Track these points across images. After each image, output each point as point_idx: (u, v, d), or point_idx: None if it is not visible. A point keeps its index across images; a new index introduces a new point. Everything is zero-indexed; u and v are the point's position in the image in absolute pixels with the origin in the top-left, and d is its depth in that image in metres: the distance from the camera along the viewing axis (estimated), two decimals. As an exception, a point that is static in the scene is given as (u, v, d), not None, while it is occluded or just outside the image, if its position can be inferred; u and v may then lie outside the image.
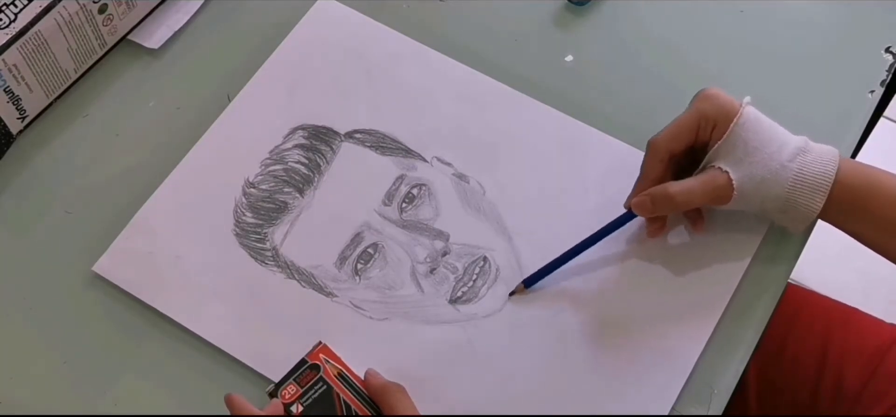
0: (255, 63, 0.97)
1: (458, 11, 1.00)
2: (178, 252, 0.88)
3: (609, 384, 0.81)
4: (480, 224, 0.88)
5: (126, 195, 0.91)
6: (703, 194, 0.81)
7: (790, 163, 0.80)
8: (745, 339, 0.82)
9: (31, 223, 0.92)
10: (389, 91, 0.95)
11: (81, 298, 0.87)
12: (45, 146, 0.96)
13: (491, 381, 0.82)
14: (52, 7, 0.91)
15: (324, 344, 0.82)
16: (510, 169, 0.90)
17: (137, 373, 0.84)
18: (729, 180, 0.80)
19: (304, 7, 1.00)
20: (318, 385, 0.79)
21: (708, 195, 0.81)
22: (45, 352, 0.85)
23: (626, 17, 0.99)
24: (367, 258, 0.87)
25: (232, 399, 0.77)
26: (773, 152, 0.80)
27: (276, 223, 0.89)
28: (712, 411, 0.80)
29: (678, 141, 0.82)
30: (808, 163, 0.80)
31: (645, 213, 0.83)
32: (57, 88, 0.96)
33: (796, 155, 0.80)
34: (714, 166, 0.81)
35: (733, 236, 0.86)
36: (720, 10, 0.98)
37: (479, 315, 0.84)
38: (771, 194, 0.80)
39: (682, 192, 0.81)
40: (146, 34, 1.00)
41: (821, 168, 0.80)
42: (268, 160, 0.92)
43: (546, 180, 0.90)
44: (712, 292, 0.84)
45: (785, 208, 0.81)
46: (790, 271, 0.86)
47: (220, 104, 0.96)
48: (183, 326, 0.85)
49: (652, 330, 0.83)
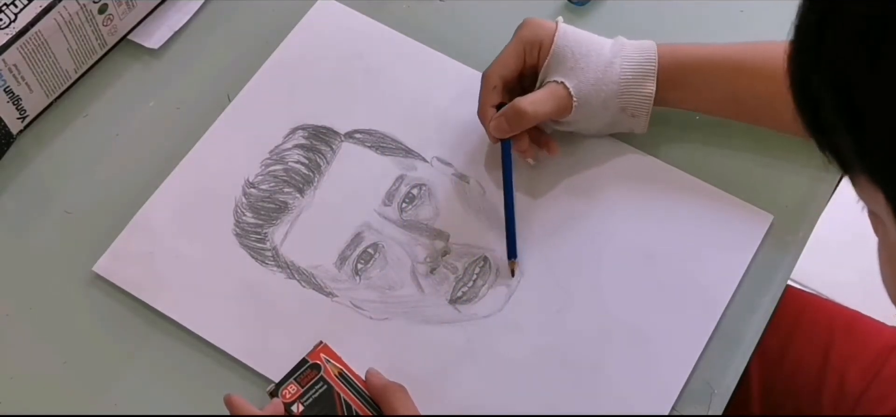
0: (255, 63, 0.97)
1: (458, 11, 1.00)
2: (178, 252, 0.88)
3: (609, 384, 0.81)
4: (480, 224, 0.88)
5: (126, 195, 0.91)
6: (548, 102, 0.86)
7: (615, 58, 0.86)
8: (745, 339, 0.82)
9: (31, 223, 0.92)
10: (389, 91, 0.95)
11: (81, 298, 0.87)
12: (45, 146, 0.96)
13: (491, 381, 0.82)
14: (52, 7, 0.91)
15: (324, 344, 0.82)
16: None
17: (137, 373, 0.84)
18: (566, 88, 0.85)
19: (304, 7, 1.00)
20: (318, 385, 0.79)
21: (552, 104, 0.86)
22: (45, 352, 0.85)
23: (626, 17, 0.98)
24: (367, 258, 0.87)
25: (231, 399, 0.77)
26: (597, 54, 0.86)
27: (276, 223, 0.89)
28: (712, 411, 0.79)
29: (506, 67, 0.87)
30: (629, 53, 0.86)
31: (502, 133, 0.87)
32: (57, 88, 0.96)
33: (617, 50, 0.86)
34: (551, 80, 0.86)
35: (733, 236, 0.86)
36: (720, 10, 0.98)
37: (479, 315, 0.84)
38: (608, 92, 0.86)
39: (529, 102, 0.86)
40: (146, 34, 1.00)
41: (642, 54, 0.86)
42: (268, 160, 0.92)
43: (547, 180, 0.90)
44: (712, 292, 0.84)
45: (624, 104, 0.86)
46: (791, 270, 0.86)
47: (220, 104, 0.96)
48: (183, 326, 0.85)
49: (652, 330, 0.83)
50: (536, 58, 0.87)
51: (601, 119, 0.88)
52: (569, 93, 0.85)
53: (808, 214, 0.87)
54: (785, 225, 0.87)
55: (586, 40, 0.87)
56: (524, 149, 0.88)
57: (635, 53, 0.86)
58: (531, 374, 0.82)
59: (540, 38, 0.87)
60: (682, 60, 0.87)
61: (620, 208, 0.88)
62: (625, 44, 0.87)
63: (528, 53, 0.87)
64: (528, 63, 0.88)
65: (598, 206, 0.88)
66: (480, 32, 0.98)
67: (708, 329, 0.82)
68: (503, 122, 0.86)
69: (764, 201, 0.87)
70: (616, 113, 0.87)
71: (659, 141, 0.90)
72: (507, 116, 0.86)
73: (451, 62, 0.96)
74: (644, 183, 0.89)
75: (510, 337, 0.83)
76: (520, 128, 0.87)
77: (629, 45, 0.87)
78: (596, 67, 0.86)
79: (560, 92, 0.86)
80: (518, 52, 0.87)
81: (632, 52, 0.86)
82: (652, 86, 0.86)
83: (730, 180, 0.88)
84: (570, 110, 0.86)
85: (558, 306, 0.84)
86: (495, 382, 0.82)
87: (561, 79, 0.86)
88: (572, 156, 0.90)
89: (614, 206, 0.88)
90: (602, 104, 0.86)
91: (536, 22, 0.88)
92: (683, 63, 0.87)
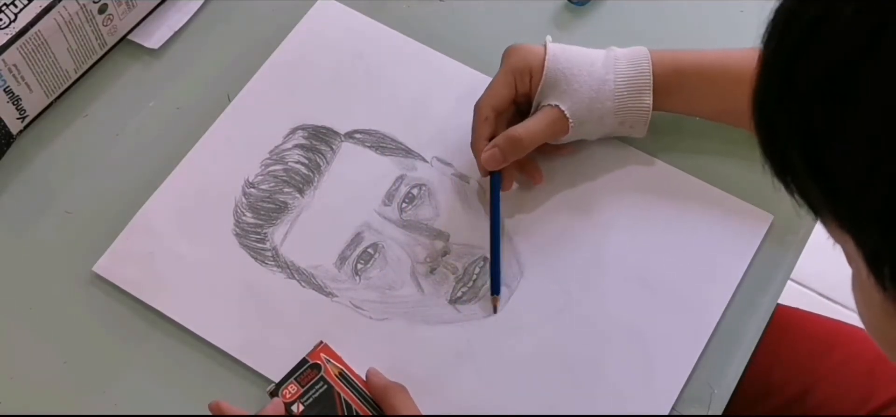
0: (255, 63, 0.97)
1: (458, 11, 1.00)
2: (178, 252, 0.88)
3: (609, 384, 0.81)
4: (480, 224, 0.88)
5: (126, 195, 0.91)
6: (543, 128, 0.85)
7: (608, 74, 0.85)
8: (745, 339, 0.82)
9: (31, 223, 0.92)
10: (389, 91, 0.95)
11: (81, 298, 0.87)
12: (45, 146, 0.96)
13: (491, 381, 0.82)
14: (52, 7, 0.91)
15: (325, 344, 0.82)
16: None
17: (137, 373, 0.84)
18: (561, 112, 0.84)
19: (304, 7, 1.00)
20: (318, 385, 0.79)
21: (548, 129, 0.85)
22: (45, 352, 0.85)
23: (625, 18, 0.98)
24: (367, 258, 0.87)
25: (219, 405, 0.78)
26: (589, 72, 0.85)
27: (276, 223, 0.89)
28: (712, 411, 0.80)
29: (497, 98, 0.86)
30: (623, 68, 0.85)
31: (496, 165, 0.86)
32: (57, 88, 0.96)
33: (610, 65, 0.85)
34: (545, 105, 0.85)
35: (733, 236, 0.86)
36: (720, 10, 0.98)
37: (479, 315, 0.84)
38: (604, 110, 0.85)
39: (525, 130, 0.85)
40: (146, 34, 1.00)
41: (636, 68, 0.85)
42: (268, 160, 0.92)
43: (546, 180, 0.90)
44: (712, 291, 0.84)
45: (622, 119, 0.86)
46: (791, 270, 0.86)
47: (220, 104, 0.96)
48: (183, 326, 0.85)
49: (652, 330, 0.83)
50: (528, 85, 0.86)
51: (599, 131, 0.87)
52: (564, 115, 0.85)
53: (808, 214, 0.87)
54: (785, 225, 0.87)
55: (577, 58, 0.86)
56: (509, 183, 0.87)
57: (629, 68, 0.85)
58: (531, 374, 0.82)
59: (530, 64, 0.86)
60: (677, 67, 0.86)
61: (621, 208, 0.88)
62: (618, 57, 0.86)
63: (519, 81, 0.86)
64: (520, 91, 0.87)
65: (598, 206, 0.88)
66: (480, 32, 0.98)
67: (708, 329, 0.82)
68: (497, 152, 0.85)
69: (764, 201, 0.87)
70: (614, 126, 0.87)
71: (659, 142, 0.90)
72: (500, 145, 0.85)
73: (451, 62, 0.96)
74: (644, 184, 0.89)
75: (510, 337, 0.83)
76: (516, 156, 0.86)
77: (622, 58, 0.86)
78: (590, 86, 0.85)
79: (555, 115, 0.85)
80: (508, 81, 0.86)
81: (625, 67, 0.85)
82: (649, 99, 0.85)
83: (730, 180, 0.88)
84: (566, 131, 0.85)
85: (558, 306, 0.84)
86: (495, 382, 0.82)
87: (556, 102, 0.85)
88: (573, 157, 0.90)
89: (615, 206, 0.88)
90: (598, 121, 0.86)
91: (524, 48, 0.86)
92: (679, 70, 0.86)
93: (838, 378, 0.95)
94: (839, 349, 0.97)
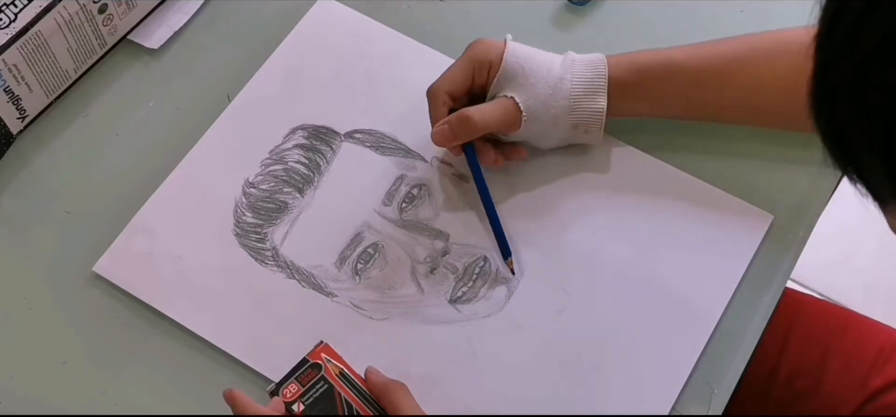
0: (255, 63, 0.97)
1: (458, 11, 1.00)
2: (178, 252, 0.88)
3: (609, 384, 0.81)
4: (480, 224, 0.88)
5: (126, 195, 0.91)
6: (496, 114, 0.86)
7: (565, 74, 0.85)
8: (745, 339, 0.82)
9: (31, 223, 0.92)
10: (389, 91, 0.95)
11: (81, 298, 0.87)
12: (45, 146, 0.96)
13: (491, 381, 0.82)
14: (52, 7, 0.91)
15: (325, 344, 0.82)
16: (510, 169, 0.90)
17: (137, 373, 0.84)
18: (515, 103, 0.85)
19: (304, 7, 1.00)
20: (319, 384, 0.79)
21: (500, 117, 0.86)
22: (45, 352, 0.85)
23: (626, 17, 0.98)
24: (367, 258, 0.87)
25: (234, 395, 0.77)
26: (547, 71, 0.85)
27: (276, 223, 0.89)
28: (712, 411, 0.80)
29: (454, 84, 0.87)
30: (579, 70, 0.85)
31: (445, 141, 0.86)
32: (57, 88, 0.96)
33: (567, 67, 0.86)
34: (500, 96, 0.86)
35: (733, 236, 0.86)
36: (720, 10, 0.98)
37: (479, 315, 0.84)
38: (559, 109, 0.85)
39: (478, 112, 0.85)
40: (146, 34, 1.00)
41: (593, 70, 0.85)
42: (268, 160, 0.92)
43: (546, 180, 0.90)
44: (712, 291, 0.84)
45: (576, 121, 0.86)
46: (790, 271, 0.86)
47: (220, 104, 0.96)
48: (183, 326, 0.85)
49: (652, 330, 0.83)
50: (485, 77, 0.87)
51: (553, 135, 0.87)
52: (518, 107, 0.85)
53: (808, 214, 0.88)
54: (785, 225, 0.87)
55: (536, 57, 0.86)
56: (492, 161, 0.87)
57: (585, 70, 0.85)
58: (531, 374, 0.82)
59: (489, 57, 0.86)
60: (637, 66, 0.86)
61: (620, 208, 0.88)
62: (575, 60, 0.86)
63: (478, 71, 0.87)
64: (477, 82, 0.87)
65: (597, 206, 0.88)
66: (480, 33, 0.98)
67: (708, 329, 0.82)
68: (447, 129, 0.85)
69: (763, 201, 0.87)
70: (568, 129, 0.87)
71: (658, 141, 0.90)
72: (451, 123, 0.85)
73: (451, 62, 0.96)
74: (644, 183, 0.89)
75: (510, 337, 0.83)
76: (465, 137, 0.86)
77: (579, 61, 0.86)
78: (546, 84, 0.85)
79: (509, 105, 0.85)
80: (466, 69, 0.87)
81: (582, 68, 0.86)
82: (603, 101, 0.85)
83: (729, 180, 0.89)
84: (519, 125, 0.86)
85: (558, 306, 0.84)
86: (495, 382, 0.82)
87: (511, 94, 0.85)
88: (571, 156, 0.90)
89: (614, 206, 0.88)
90: (552, 120, 0.86)
91: (487, 42, 0.87)
92: (638, 68, 0.86)
93: (851, 356, 0.97)
94: (853, 329, 0.99)
